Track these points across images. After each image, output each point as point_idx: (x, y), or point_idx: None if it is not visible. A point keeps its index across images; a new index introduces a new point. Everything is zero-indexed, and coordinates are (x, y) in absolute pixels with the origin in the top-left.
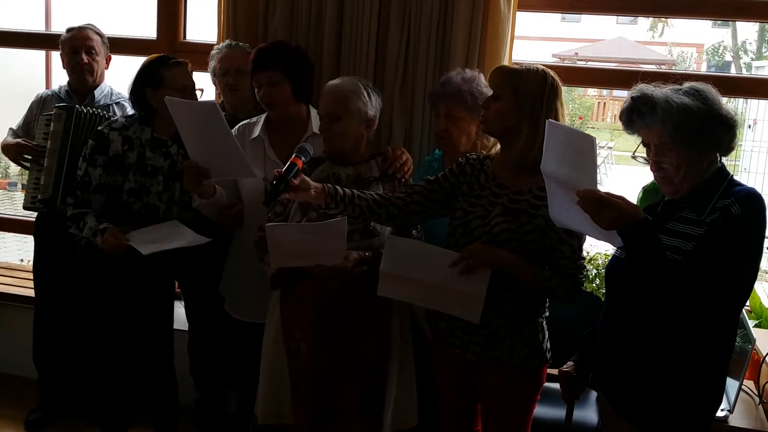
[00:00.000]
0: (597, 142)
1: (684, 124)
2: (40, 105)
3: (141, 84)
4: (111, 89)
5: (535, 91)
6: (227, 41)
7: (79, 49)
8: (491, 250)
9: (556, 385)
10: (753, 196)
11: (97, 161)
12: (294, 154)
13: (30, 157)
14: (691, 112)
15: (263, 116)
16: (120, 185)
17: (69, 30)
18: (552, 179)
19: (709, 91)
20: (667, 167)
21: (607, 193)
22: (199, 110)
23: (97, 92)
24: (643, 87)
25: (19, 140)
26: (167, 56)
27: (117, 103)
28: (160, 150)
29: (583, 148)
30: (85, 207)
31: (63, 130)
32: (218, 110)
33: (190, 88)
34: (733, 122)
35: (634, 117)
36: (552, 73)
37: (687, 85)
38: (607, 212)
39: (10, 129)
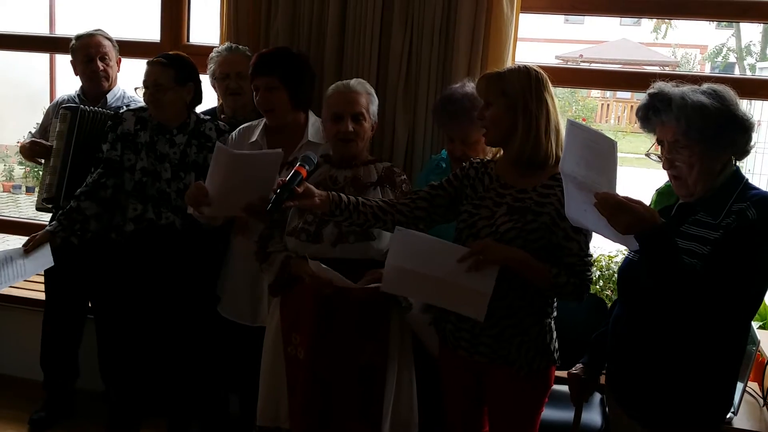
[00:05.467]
0: (618, 145)
1: (699, 121)
2: (56, 109)
3: None
4: (123, 92)
5: (522, 86)
6: (226, 44)
7: (94, 56)
8: (500, 246)
9: (562, 387)
10: None
11: (108, 137)
12: (298, 163)
13: (42, 149)
14: (707, 110)
15: (263, 120)
16: (133, 164)
17: (79, 37)
18: (570, 179)
19: (726, 92)
20: (680, 165)
21: (626, 197)
22: (258, 160)
23: (109, 96)
24: (661, 85)
25: (33, 139)
26: (160, 54)
27: (127, 106)
28: (164, 137)
29: (604, 151)
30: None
31: (68, 130)
32: (279, 160)
33: (144, 84)
34: (749, 124)
35: (650, 114)
36: (535, 67)
37: (705, 85)
38: (625, 216)
39: (29, 133)
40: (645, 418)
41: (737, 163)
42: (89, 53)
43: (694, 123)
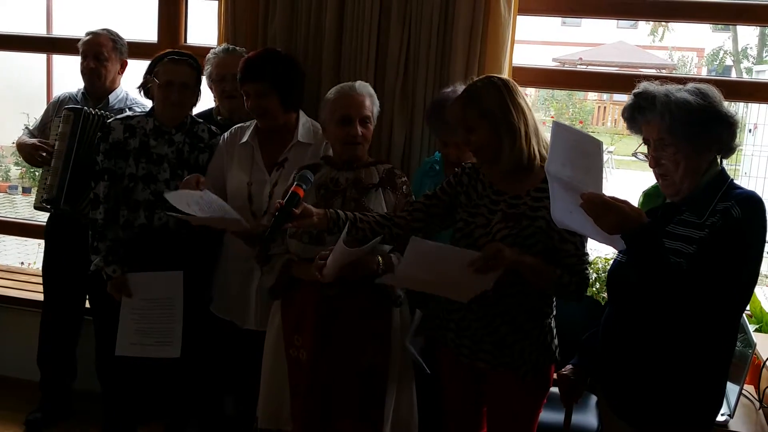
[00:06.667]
0: (603, 145)
1: (682, 118)
2: (56, 106)
3: (147, 71)
4: (126, 94)
5: (499, 103)
6: (224, 45)
7: (88, 54)
8: (511, 250)
9: (554, 389)
10: (753, 198)
11: (101, 148)
12: (295, 183)
13: (43, 158)
14: (690, 106)
15: (254, 121)
16: (123, 171)
17: (87, 34)
18: (556, 180)
19: (710, 90)
20: (666, 163)
21: (612, 197)
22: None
23: (111, 97)
24: (646, 84)
25: (34, 141)
26: (176, 51)
27: (130, 108)
28: (163, 138)
29: (590, 151)
30: (107, 217)
31: (70, 131)
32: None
33: (170, 84)
34: (733, 121)
35: (636, 114)
36: (498, 75)
37: (690, 84)
38: (611, 216)
39: (26, 128)
40: (635, 419)
41: (722, 163)
42: (85, 50)
43: (678, 119)
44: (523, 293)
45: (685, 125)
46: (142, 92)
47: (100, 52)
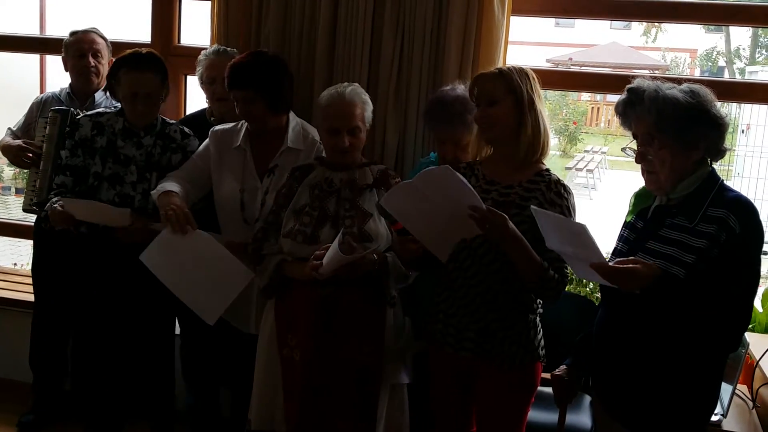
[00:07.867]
0: (587, 227)
1: (669, 114)
2: (40, 107)
3: (111, 73)
4: None
5: (525, 83)
6: (215, 47)
7: (86, 52)
8: (512, 228)
9: (549, 389)
10: (747, 207)
11: (66, 144)
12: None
13: (30, 160)
14: (678, 103)
15: (245, 125)
16: (88, 168)
17: (73, 33)
18: (561, 253)
19: (702, 90)
20: (652, 158)
21: (619, 261)
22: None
23: (97, 95)
24: (639, 80)
25: (19, 142)
26: (137, 56)
27: (115, 107)
28: (131, 140)
29: (577, 232)
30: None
31: (57, 133)
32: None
33: (135, 95)
34: (722, 122)
35: (627, 109)
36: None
37: (684, 84)
38: (626, 279)
39: (9, 129)
40: (629, 420)
41: (712, 165)
42: (82, 48)
43: (664, 115)
44: (511, 282)
45: (672, 121)
46: (107, 94)
47: (98, 50)
